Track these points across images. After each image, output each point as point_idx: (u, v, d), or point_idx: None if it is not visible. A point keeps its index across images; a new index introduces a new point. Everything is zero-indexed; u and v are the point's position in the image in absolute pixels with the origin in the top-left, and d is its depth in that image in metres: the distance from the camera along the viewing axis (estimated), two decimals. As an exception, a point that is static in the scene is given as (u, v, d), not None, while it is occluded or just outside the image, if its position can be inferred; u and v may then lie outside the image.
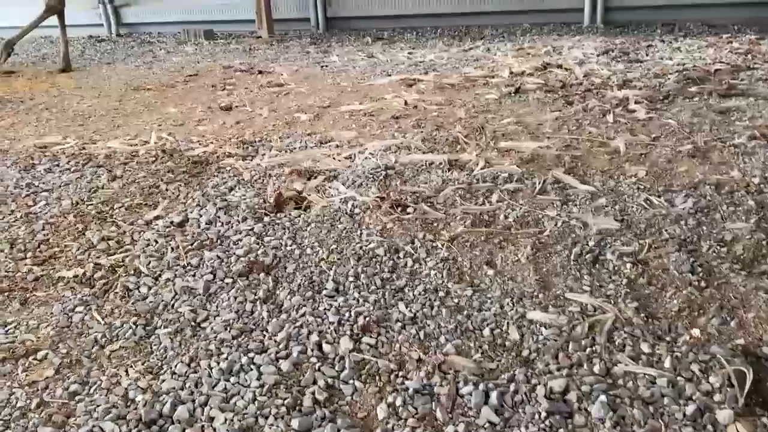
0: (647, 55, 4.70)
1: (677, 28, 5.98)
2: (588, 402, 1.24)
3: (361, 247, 1.94)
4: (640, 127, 2.92)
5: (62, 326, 1.64)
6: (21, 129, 3.67)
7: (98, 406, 1.32)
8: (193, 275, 1.86)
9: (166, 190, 2.55)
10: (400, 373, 1.38)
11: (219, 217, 2.23)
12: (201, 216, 2.25)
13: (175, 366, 1.44)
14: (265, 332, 1.56)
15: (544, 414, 1.22)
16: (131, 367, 1.46)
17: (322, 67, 5.21)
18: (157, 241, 2.08)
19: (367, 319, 1.56)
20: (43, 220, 2.30)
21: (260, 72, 5.15)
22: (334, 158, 2.77)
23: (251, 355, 1.46)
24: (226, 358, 1.45)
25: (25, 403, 1.36)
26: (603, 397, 1.24)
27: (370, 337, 1.50)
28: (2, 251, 2.08)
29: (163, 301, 1.73)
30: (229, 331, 1.56)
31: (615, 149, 2.64)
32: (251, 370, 1.41)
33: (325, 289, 1.73)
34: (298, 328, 1.55)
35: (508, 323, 1.52)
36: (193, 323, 1.62)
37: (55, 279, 1.89)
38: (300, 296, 1.70)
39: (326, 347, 1.47)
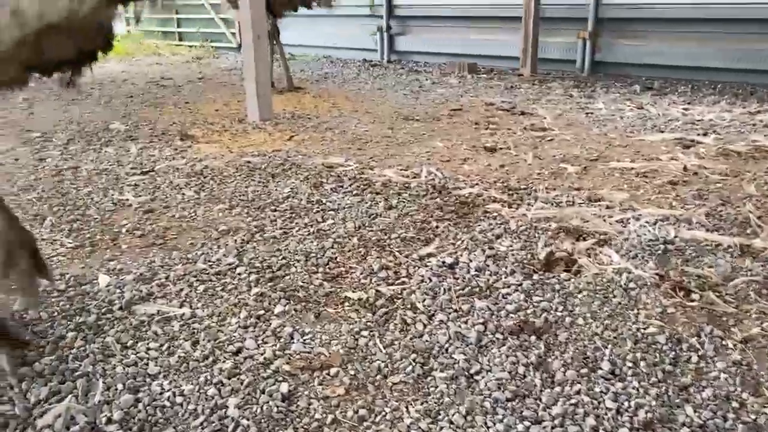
0: None
1: None
2: None
3: (638, 329, 1.85)
4: None
5: (350, 347, 1.81)
6: (311, 146, 4.14)
7: (383, 437, 1.44)
8: (465, 322, 1.92)
9: (437, 227, 2.69)
10: (690, 488, 1.29)
11: (488, 266, 2.29)
12: (471, 261, 2.33)
13: (452, 415, 1.51)
14: (539, 401, 1.56)
15: None
16: (411, 404, 1.56)
17: (586, 114, 5.11)
18: (431, 279, 2.19)
19: (649, 415, 1.49)
20: (332, 238, 2.56)
21: (522, 113, 5.20)
22: (604, 220, 2.69)
23: (526, 423, 1.47)
24: (501, 420, 1.48)
25: (321, 416, 1.52)
26: None
27: (653, 435, 1.43)
28: (299, 262, 2.35)
29: (438, 342, 1.82)
30: (503, 392, 1.59)
31: None
32: (526, 439, 1.42)
33: (600, 368, 1.68)
34: (573, 406, 1.53)
35: (822, 462, 1.34)
36: (467, 373, 1.67)
37: (342, 298, 2.10)
38: (574, 371, 1.67)
39: (603, 434, 1.43)
